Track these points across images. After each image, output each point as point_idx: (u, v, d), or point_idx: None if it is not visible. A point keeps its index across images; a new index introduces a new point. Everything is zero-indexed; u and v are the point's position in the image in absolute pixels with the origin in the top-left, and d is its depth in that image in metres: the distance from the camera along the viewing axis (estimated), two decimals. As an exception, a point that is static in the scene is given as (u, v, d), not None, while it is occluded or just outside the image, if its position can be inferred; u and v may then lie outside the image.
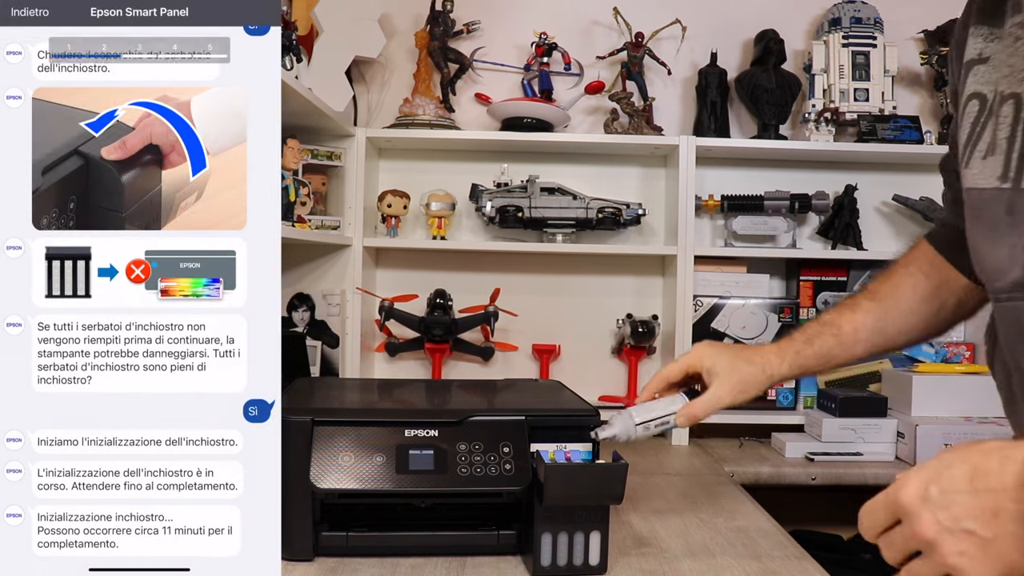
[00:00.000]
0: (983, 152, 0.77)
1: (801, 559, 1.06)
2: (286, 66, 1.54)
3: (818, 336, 1.02)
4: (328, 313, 1.83)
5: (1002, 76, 0.76)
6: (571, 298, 2.00)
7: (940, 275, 1.00)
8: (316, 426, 0.97)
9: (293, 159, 1.58)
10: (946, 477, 0.60)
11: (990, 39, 0.79)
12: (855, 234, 1.93)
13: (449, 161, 2.00)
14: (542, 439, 0.99)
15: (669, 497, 1.36)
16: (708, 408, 1.02)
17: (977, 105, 0.79)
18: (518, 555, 1.02)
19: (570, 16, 2.02)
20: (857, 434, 1.76)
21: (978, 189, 0.77)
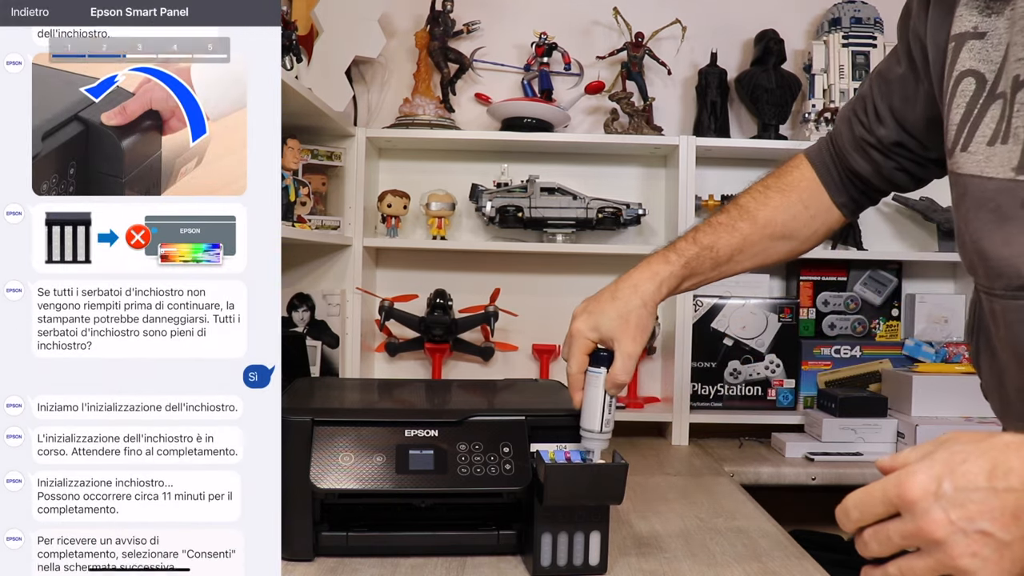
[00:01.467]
0: (988, 138, 0.73)
1: (801, 559, 1.06)
2: (286, 66, 1.54)
3: (696, 259, 1.01)
4: (328, 313, 1.83)
5: (1017, 58, 0.71)
6: (571, 298, 1.97)
7: (817, 205, 1.02)
8: (316, 426, 0.97)
9: (293, 159, 1.58)
10: (961, 473, 0.57)
11: (986, 13, 0.75)
12: (855, 234, 1.93)
13: (449, 161, 2.00)
14: (542, 439, 0.99)
15: (669, 497, 1.36)
16: (628, 369, 0.97)
17: (974, 84, 0.75)
18: (518, 555, 1.02)
19: (570, 16, 2.02)
20: (857, 434, 1.76)
21: (984, 177, 0.74)
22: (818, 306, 1.98)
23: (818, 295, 1.98)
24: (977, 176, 0.75)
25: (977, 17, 0.76)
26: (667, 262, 1.00)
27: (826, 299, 1.98)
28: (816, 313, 1.98)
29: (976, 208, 0.76)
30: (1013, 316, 0.75)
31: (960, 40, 0.77)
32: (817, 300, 1.98)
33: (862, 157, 1.00)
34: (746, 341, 1.93)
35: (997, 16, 0.74)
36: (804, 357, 1.95)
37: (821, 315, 1.98)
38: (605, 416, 0.97)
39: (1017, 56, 0.71)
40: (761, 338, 1.93)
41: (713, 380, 1.93)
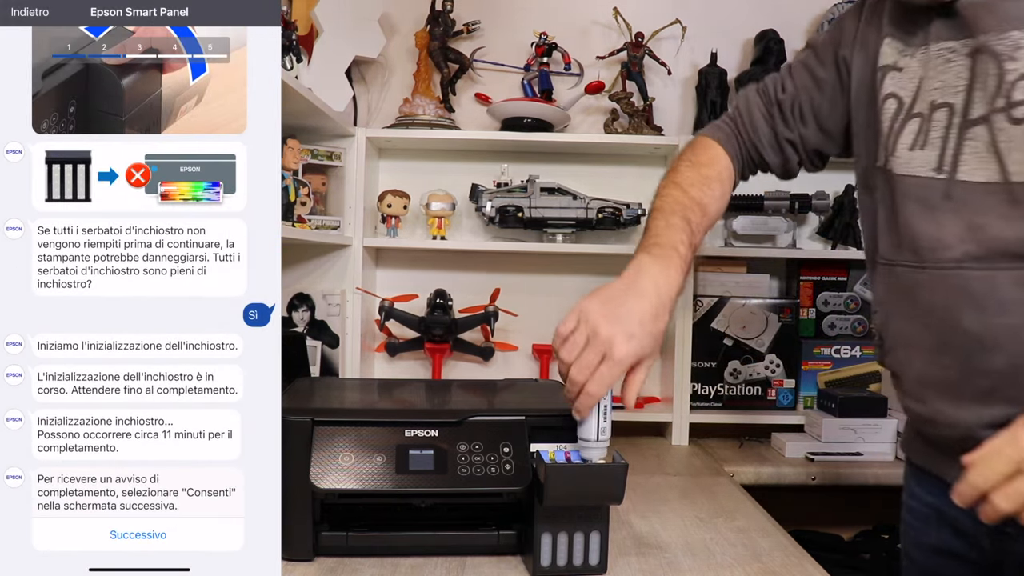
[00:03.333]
0: (908, 145, 0.95)
1: (801, 559, 1.06)
2: (286, 66, 1.54)
3: (688, 263, 1.00)
4: (328, 313, 1.83)
5: (932, 88, 0.93)
6: (571, 298, 1.98)
7: (731, 182, 1.15)
8: (316, 426, 0.97)
9: (293, 159, 1.58)
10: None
11: (905, 54, 0.97)
12: (855, 234, 1.93)
13: (449, 161, 2.00)
14: (542, 439, 0.99)
15: (669, 497, 1.36)
16: (646, 375, 0.96)
17: (895, 104, 0.97)
18: (518, 555, 1.02)
19: (570, 16, 2.02)
20: (857, 434, 1.76)
21: (912, 176, 0.94)
22: (818, 306, 1.98)
23: (818, 295, 1.98)
24: (908, 175, 0.95)
25: (896, 55, 0.98)
26: (679, 271, 0.97)
27: (826, 299, 1.98)
28: (816, 313, 1.98)
29: (906, 198, 0.95)
30: (938, 284, 0.92)
31: (885, 71, 0.99)
32: (817, 300, 1.98)
33: (776, 154, 1.15)
34: (746, 341, 1.93)
35: (911, 57, 0.96)
36: (804, 357, 1.95)
37: (821, 315, 1.98)
38: (601, 424, 0.95)
39: (931, 87, 0.93)
40: (761, 338, 1.93)
41: (713, 380, 1.93)
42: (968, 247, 0.89)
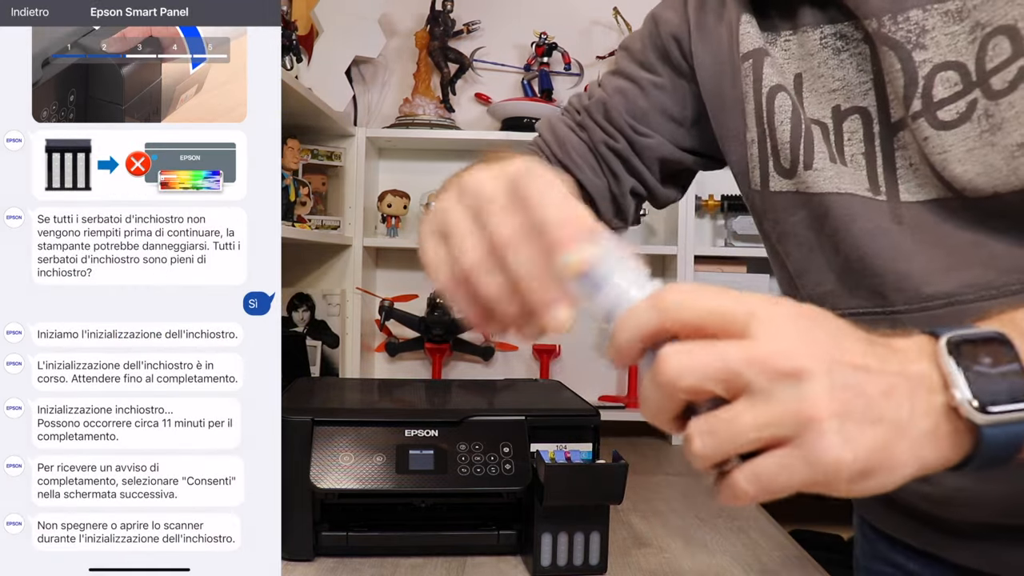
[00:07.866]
0: (826, 156, 0.70)
1: (801, 559, 1.06)
2: (286, 66, 1.54)
3: None
4: (328, 313, 1.83)
5: (828, 89, 0.71)
6: (571, 298, 1.99)
7: None
8: (316, 426, 0.97)
9: (293, 159, 1.58)
10: None
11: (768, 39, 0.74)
12: (855, 234, 1.92)
13: (449, 161, 2.00)
14: (542, 439, 0.99)
15: (669, 497, 1.36)
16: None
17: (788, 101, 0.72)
18: (518, 555, 1.02)
19: (570, 16, 2.02)
20: (857, 434, 1.75)
21: (845, 194, 0.69)
22: (818, 306, 1.98)
23: (818, 295, 1.98)
24: (836, 193, 0.70)
25: (760, 41, 0.74)
26: None
27: (826, 299, 1.98)
28: (816, 313, 1.98)
29: (848, 224, 0.69)
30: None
31: (758, 56, 0.74)
32: (817, 300, 1.98)
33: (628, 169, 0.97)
34: (746, 341, 1.92)
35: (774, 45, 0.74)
36: (804, 357, 1.94)
37: (821, 315, 1.98)
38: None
39: (826, 87, 0.71)
40: (761, 338, 1.92)
41: (713, 380, 1.92)
42: (962, 275, 0.65)
